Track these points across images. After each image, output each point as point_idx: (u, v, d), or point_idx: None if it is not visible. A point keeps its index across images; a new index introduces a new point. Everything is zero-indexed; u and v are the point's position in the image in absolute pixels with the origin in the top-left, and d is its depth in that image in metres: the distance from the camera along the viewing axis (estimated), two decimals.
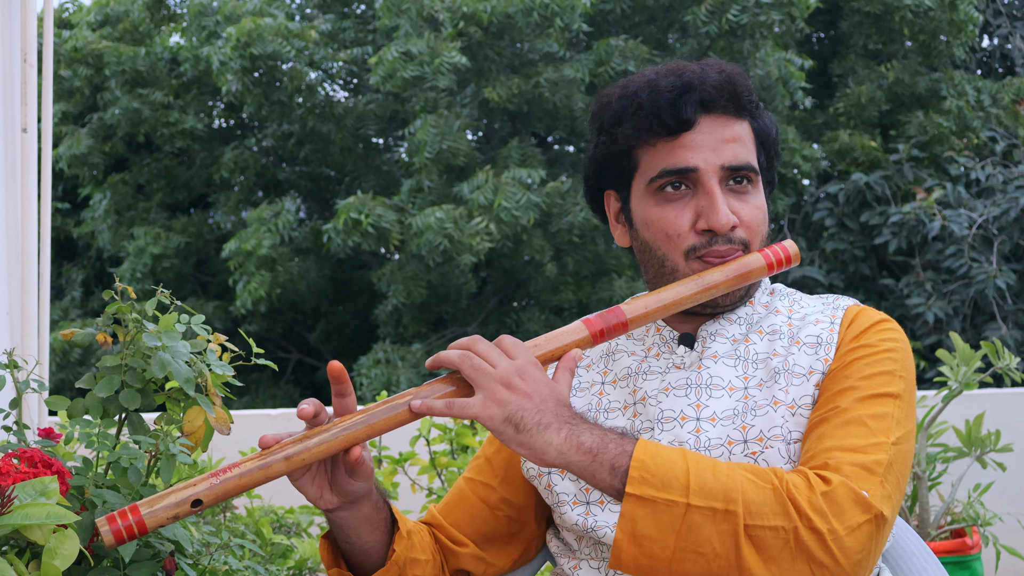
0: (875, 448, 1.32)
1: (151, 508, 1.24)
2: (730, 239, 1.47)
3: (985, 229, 8.66)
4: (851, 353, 1.44)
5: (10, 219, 2.64)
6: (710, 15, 9.28)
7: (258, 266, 9.60)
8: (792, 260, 1.49)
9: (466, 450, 2.84)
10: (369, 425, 1.31)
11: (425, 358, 9.29)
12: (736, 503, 1.24)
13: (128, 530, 1.23)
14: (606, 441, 1.27)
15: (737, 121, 1.49)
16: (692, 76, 1.47)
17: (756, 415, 1.43)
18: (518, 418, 1.28)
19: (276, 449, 1.29)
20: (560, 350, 1.37)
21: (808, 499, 1.25)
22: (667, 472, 1.25)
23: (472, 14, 9.14)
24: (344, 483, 1.37)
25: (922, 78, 10.24)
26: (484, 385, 1.30)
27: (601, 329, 1.39)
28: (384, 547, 1.47)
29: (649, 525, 1.24)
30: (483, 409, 1.29)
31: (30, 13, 2.75)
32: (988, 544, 2.85)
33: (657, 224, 1.49)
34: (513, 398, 1.29)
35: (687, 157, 1.46)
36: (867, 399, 1.38)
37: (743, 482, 1.26)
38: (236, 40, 9.58)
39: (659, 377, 1.51)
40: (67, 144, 10.59)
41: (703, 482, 1.25)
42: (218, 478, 1.26)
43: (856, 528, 1.25)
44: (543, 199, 8.96)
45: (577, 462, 1.27)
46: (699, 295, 1.44)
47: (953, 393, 2.78)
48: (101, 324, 1.56)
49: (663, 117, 1.45)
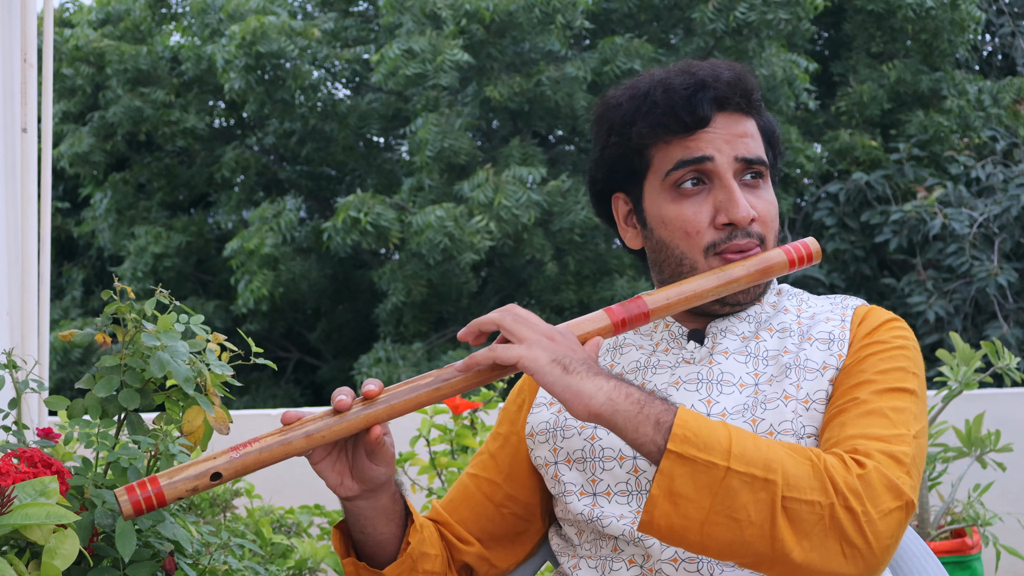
0: (899, 439, 1.33)
1: (170, 480, 1.23)
2: (749, 233, 1.47)
3: (986, 227, 8.66)
4: (864, 349, 1.45)
5: (10, 219, 2.64)
6: (717, 12, 9.28)
7: (260, 265, 9.60)
8: (814, 257, 1.49)
9: (466, 450, 2.84)
10: (390, 405, 1.30)
11: (426, 357, 9.29)
12: (776, 472, 1.23)
13: (147, 501, 1.23)
14: (651, 397, 1.27)
15: (747, 118, 1.51)
16: (705, 74, 1.48)
17: (767, 409, 1.43)
18: (566, 361, 1.27)
19: (297, 426, 1.28)
20: (582, 337, 1.36)
21: (844, 479, 1.25)
22: (710, 435, 1.24)
23: (474, 11, 9.14)
24: (365, 468, 1.36)
25: (923, 77, 10.24)
26: (527, 336, 1.29)
27: (623, 318, 1.39)
28: (398, 539, 1.47)
29: (687, 484, 1.23)
30: (528, 350, 1.27)
31: (30, 13, 2.75)
32: (988, 544, 2.85)
33: (675, 222, 1.49)
34: (558, 346, 1.29)
35: (703, 147, 1.47)
36: (885, 392, 1.39)
37: (783, 455, 1.26)
38: (241, 38, 9.58)
39: (669, 371, 1.51)
40: (68, 143, 10.60)
41: (744, 448, 1.24)
42: (238, 452, 1.25)
43: (888, 513, 1.25)
44: (544, 197, 8.96)
45: (624, 410, 1.25)
46: (720, 288, 1.44)
47: (953, 393, 2.78)
48: (100, 324, 1.56)
49: (679, 114, 1.46)
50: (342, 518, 1.48)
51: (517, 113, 9.93)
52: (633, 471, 1.46)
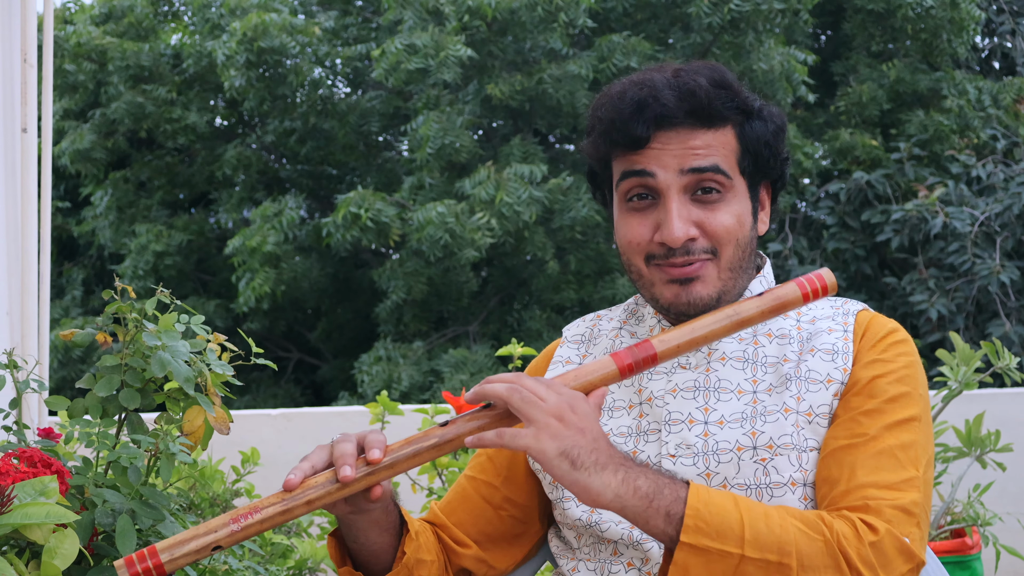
0: (908, 485, 1.35)
1: (171, 554, 1.26)
2: (688, 250, 1.46)
3: (987, 226, 8.65)
4: (870, 367, 1.44)
5: (10, 219, 2.64)
6: (713, 6, 9.27)
7: (262, 263, 9.60)
8: (829, 290, 1.45)
9: (467, 451, 2.84)
10: (392, 467, 1.33)
11: (426, 356, 9.29)
12: (790, 556, 1.25)
13: (146, 572, 1.25)
14: (660, 486, 1.27)
15: (706, 131, 1.46)
16: (648, 93, 1.45)
17: (766, 421, 1.43)
18: (574, 454, 1.26)
19: (299, 493, 1.30)
20: (587, 386, 1.35)
21: (858, 551, 1.27)
22: (721, 521, 1.25)
23: (477, 7, 9.13)
24: (361, 503, 1.39)
25: (923, 77, 10.24)
26: (535, 418, 1.27)
27: (630, 364, 1.37)
28: (393, 548, 1.47)
29: (702, 574, 1.24)
30: (536, 441, 1.26)
31: (30, 13, 2.75)
32: (988, 544, 2.85)
33: (621, 232, 1.51)
34: (567, 432, 1.27)
35: (644, 163, 1.47)
36: (893, 426, 1.39)
37: (795, 533, 1.27)
38: (242, 34, 9.58)
39: (665, 377, 1.51)
40: (69, 139, 10.60)
41: (757, 532, 1.25)
42: (239, 524, 1.28)
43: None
44: (545, 195, 8.95)
45: (632, 507, 1.26)
46: (731, 328, 1.41)
47: (953, 393, 2.78)
48: (101, 324, 1.57)
49: (620, 132, 1.47)
50: (336, 526, 1.49)
51: (518, 111, 9.92)
52: None
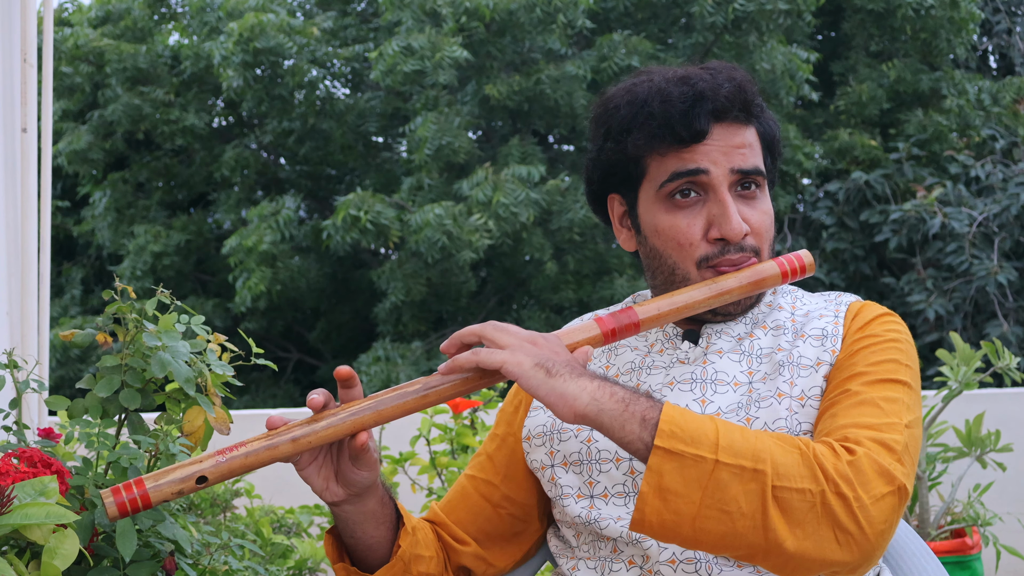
0: (890, 428, 1.33)
1: (156, 482, 1.23)
2: (742, 247, 1.47)
3: (985, 226, 8.66)
4: (857, 343, 1.45)
5: (10, 219, 2.64)
6: (716, 6, 9.27)
7: (259, 262, 9.60)
8: (807, 270, 1.49)
9: (466, 450, 2.84)
10: (377, 411, 1.30)
11: (425, 356, 9.30)
12: (765, 463, 1.23)
13: (132, 503, 1.22)
14: (636, 395, 1.27)
15: (746, 127, 1.49)
16: (704, 86, 1.46)
17: (760, 407, 1.44)
18: (549, 365, 1.27)
19: (283, 431, 1.28)
20: (571, 347, 1.36)
21: (834, 465, 1.25)
22: (696, 428, 1.24)
23: (475, 9, 9.13)
24: (349, 473, 1.36)
25: (923, 76, 10.25)
26: (510, 342, 1.30)
27: (613, 328, 1.39)
28: (389, 543, 1.47)
29: (676, 479, 1.22)
30: (511, 355, 1.28)
31: (30, 13, 2.75)
32: (988, 544, 2.86)
33: (668, 232, 1.48)
34: (542, 352, 1.29)
35: (698, 160, 1.46)
36: (877, 383, 1.39)
37: (771, 444, 1.25)
38: (239, 35, 9.58)
39: (663, 372, 1.51)
40: (67, 140, 10.60)
41: (732, 440, 1.24)
42: (224, 456, 1.25)
43: (880, 498, 1.25)
44: (543, 196, 8.95)
45: (609, 409, 1.25)
46: (712, 300, 1.44)
47: (953, 393, 2.78)
48: (101, 324, 1.56)
49: (676, 128, 1.45)
50: (334, 524, 1.49)
51: (516, 112, 9.92)
52: (629, 473, 1.46)
